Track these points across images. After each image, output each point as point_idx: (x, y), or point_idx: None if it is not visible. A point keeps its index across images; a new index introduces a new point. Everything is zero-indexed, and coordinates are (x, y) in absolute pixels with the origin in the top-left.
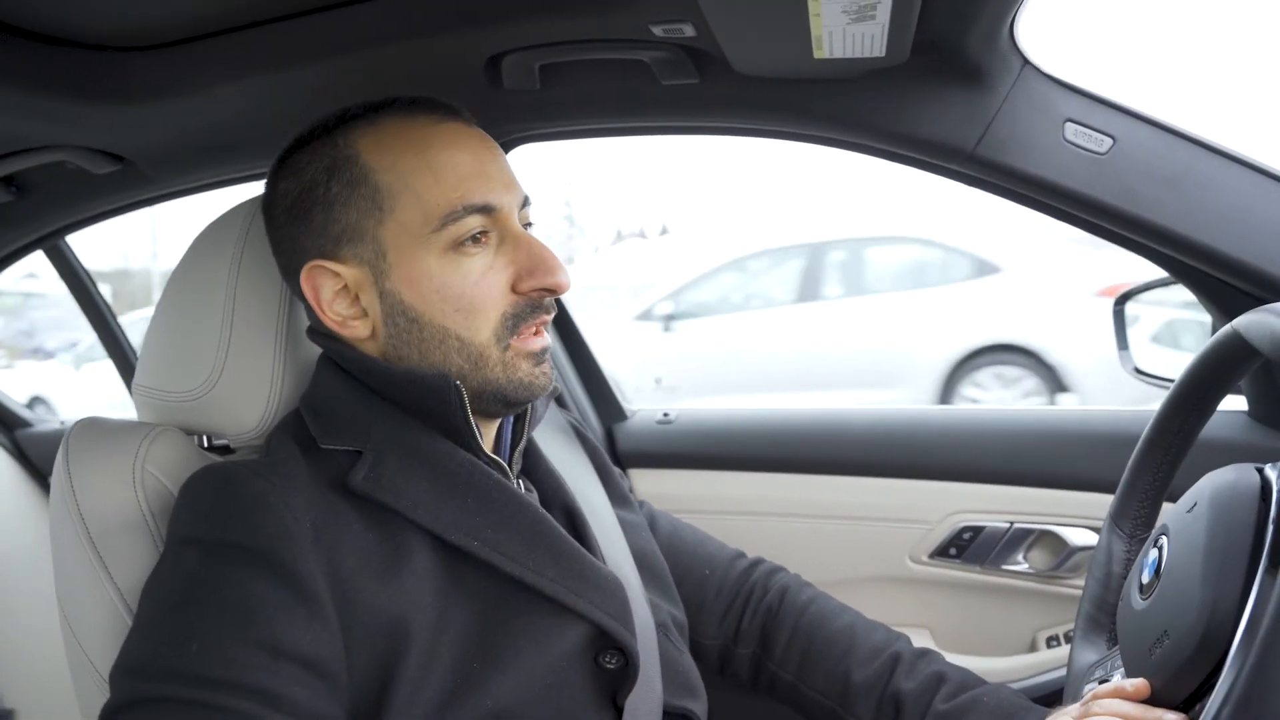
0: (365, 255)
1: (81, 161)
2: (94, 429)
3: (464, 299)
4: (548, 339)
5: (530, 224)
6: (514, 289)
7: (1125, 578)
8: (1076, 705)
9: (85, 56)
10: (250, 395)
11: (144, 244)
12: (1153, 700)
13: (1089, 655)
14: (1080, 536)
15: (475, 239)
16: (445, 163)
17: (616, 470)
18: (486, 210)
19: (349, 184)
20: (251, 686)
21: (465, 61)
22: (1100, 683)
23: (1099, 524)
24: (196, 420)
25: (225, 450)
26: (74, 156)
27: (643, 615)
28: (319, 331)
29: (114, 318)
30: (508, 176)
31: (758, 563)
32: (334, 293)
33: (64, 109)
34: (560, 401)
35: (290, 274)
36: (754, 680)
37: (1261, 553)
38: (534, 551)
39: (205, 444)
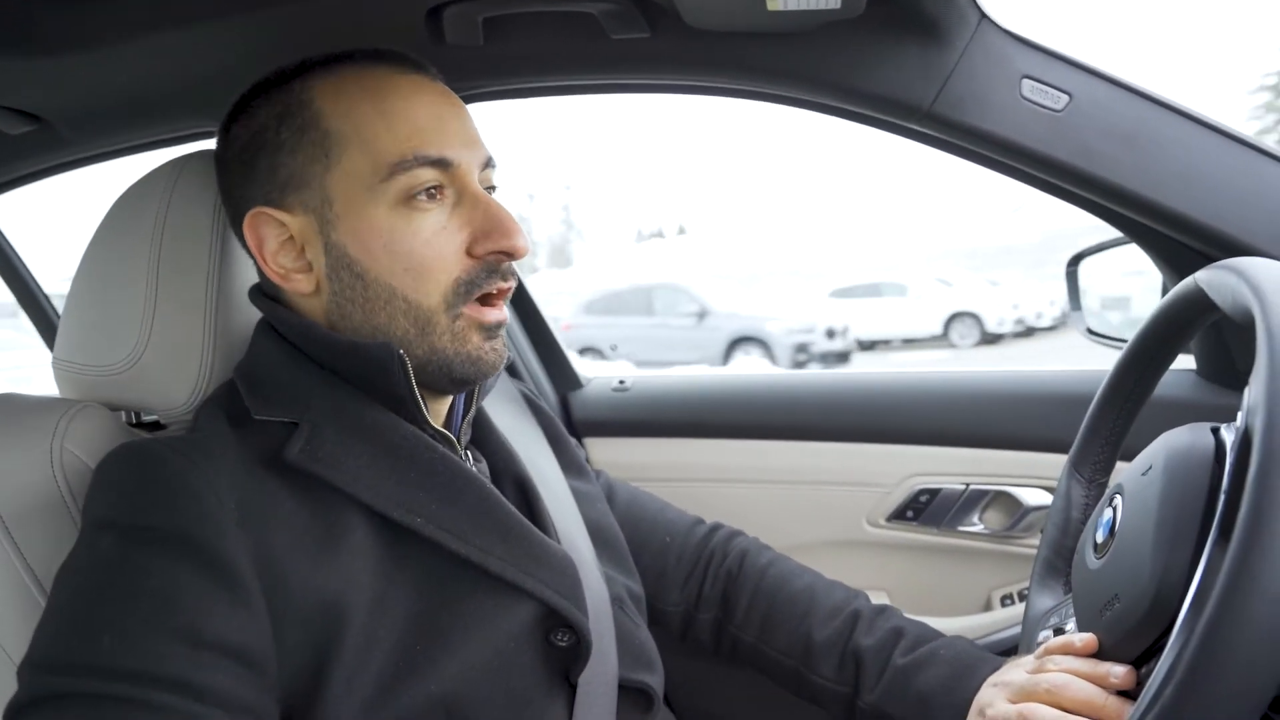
0: (311, 203)
1: None
2: (9, 405)
3: (414, 257)
4: (504, 313)
5: (493, 187)
6: (469, 252)
7: (1084, 523)
8: (1030, 657)
9: None
10: (179, 367)
11: None
12: (1102, 655)
13: (1045, 601)
14: (1034, 496)
15: (429, 193)
16: (400, 111)
17: (572, 440)
18: (442, 164)
19: (298, 129)
20: (170, 678)
21: (404, 15)
22: (1055, 631)
23: (1052, 484)
24: (122, 395)
25: (155, 426)
26: None
27: (596, 589)
28: (263, 293)
29: (38, 285)
30: (469, 133)
31: (716, 528)
32: (279, 243)
33: None
34: (513, 370)
35: (236, 222)
36: (716, 644)
37: (1213, 521)
38: (480, 528)
39: (133, 420)
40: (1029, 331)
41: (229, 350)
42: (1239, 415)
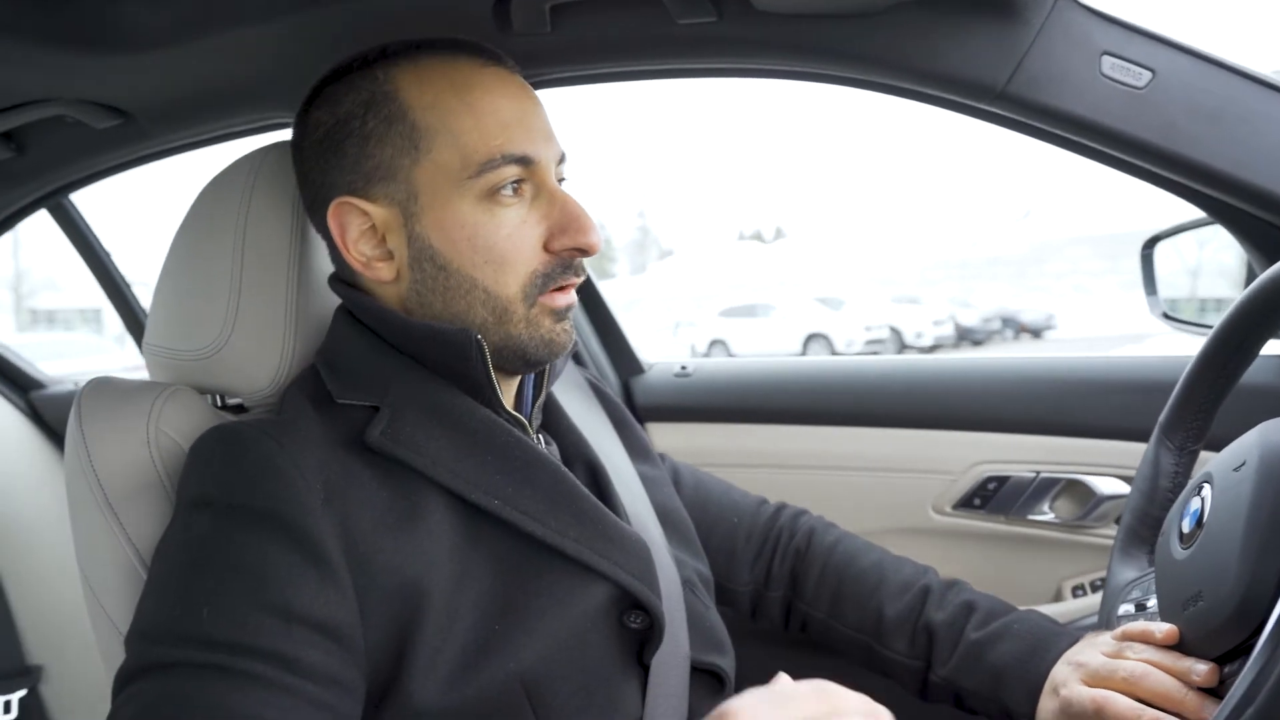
0: (397, 195)
1: (80, 115)
2: (106, 389)
3: (495, 250)
4: (573, 297)
5: (564, 179)
6: (546, 247)
7: (1171, 492)
8: (1108, 636)
9: (81, 4)
10: (262, 352)
11: None
12: (1182, 649)
13: (1128, 572)
14: (1108, 485)
15: (513, 189)
16: (487, 108)
17: (637, 425)
18: (525, 161)
19: (386, 120)
20: (265, 650)
21: (473, 4)
22: (1137, 606)
23: (1128, 473)
24: (208, 379)
25: (239, 410)
26: (72, 110)
27: (667, 572)
28: (341, 279)
29: (122, 277)
30: (547, 129)
31: (781, 507)
32: (360, 232)
33: (60, 59)
34: (577, 358)
35: (315, 209)
36: (786, 622)
37: None
38: (556, 510)
39: (219, 404)
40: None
41: (308, 335)
42: None
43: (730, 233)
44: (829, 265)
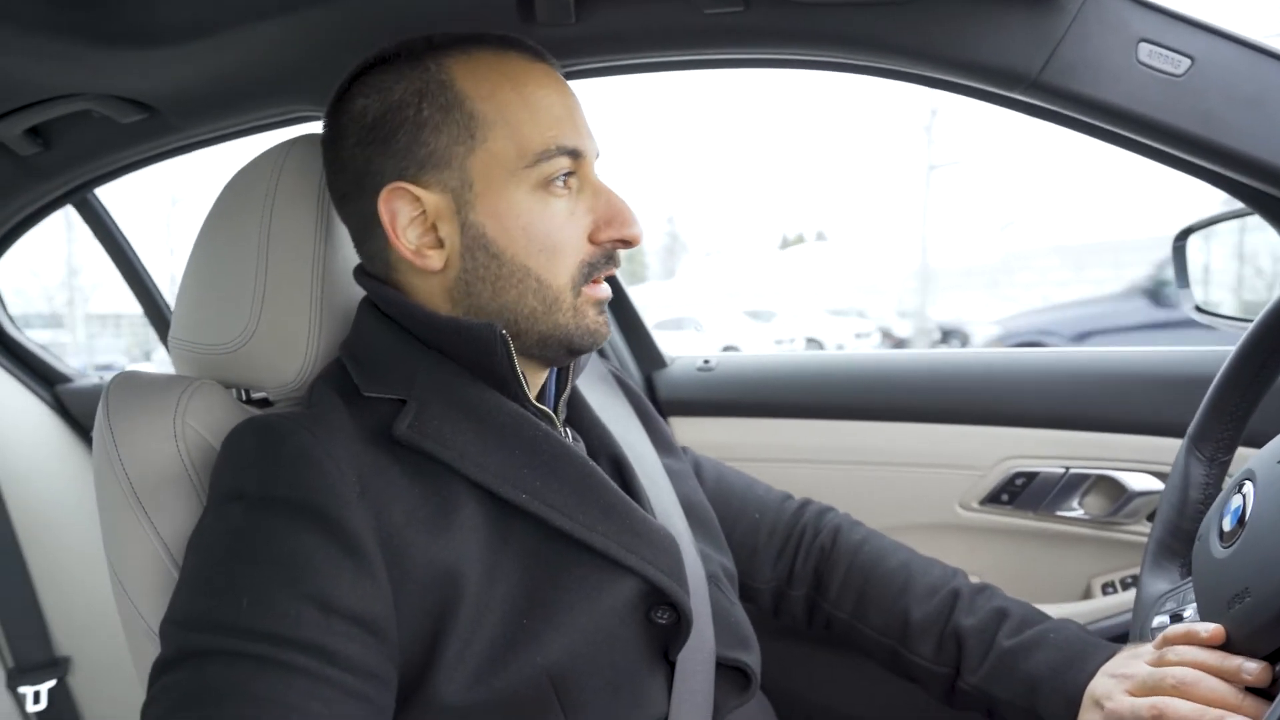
0: (450, 183)
1: (106, 110)
2: (132, 383)
3: (549, 239)
4: (609, 290)
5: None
6: (591, 239)
7: (1202, 504)
8: (1148, 646)
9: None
10: (287, 346)
11: None
12: (1229, 648)
13: (1160, 585)
14: (1140, 481)
15: (563, 181)
16: (542, 101)
17: (660, 418)
18: (575, 154)
19: (442, 108)
20: (305, 641)
21: None
22: (1172, 618)
23: (1161, 469)
24: (234, 373)
25: (265, 404)
26: (98, 105)
27: (694, 567)
28: (366, 272)
29: (147, 273)
30: (589, 125)
31: (806, 504)
32: (410, 219)
33: (85, 55)
34: (600, 351)
35: (354, 198)
36: (809, 621)
37: None
38: (584, 504)
39: (245, 398)
40: None
41: (334, 329)
42: None
43: (772, 237)
44: (827, 272)
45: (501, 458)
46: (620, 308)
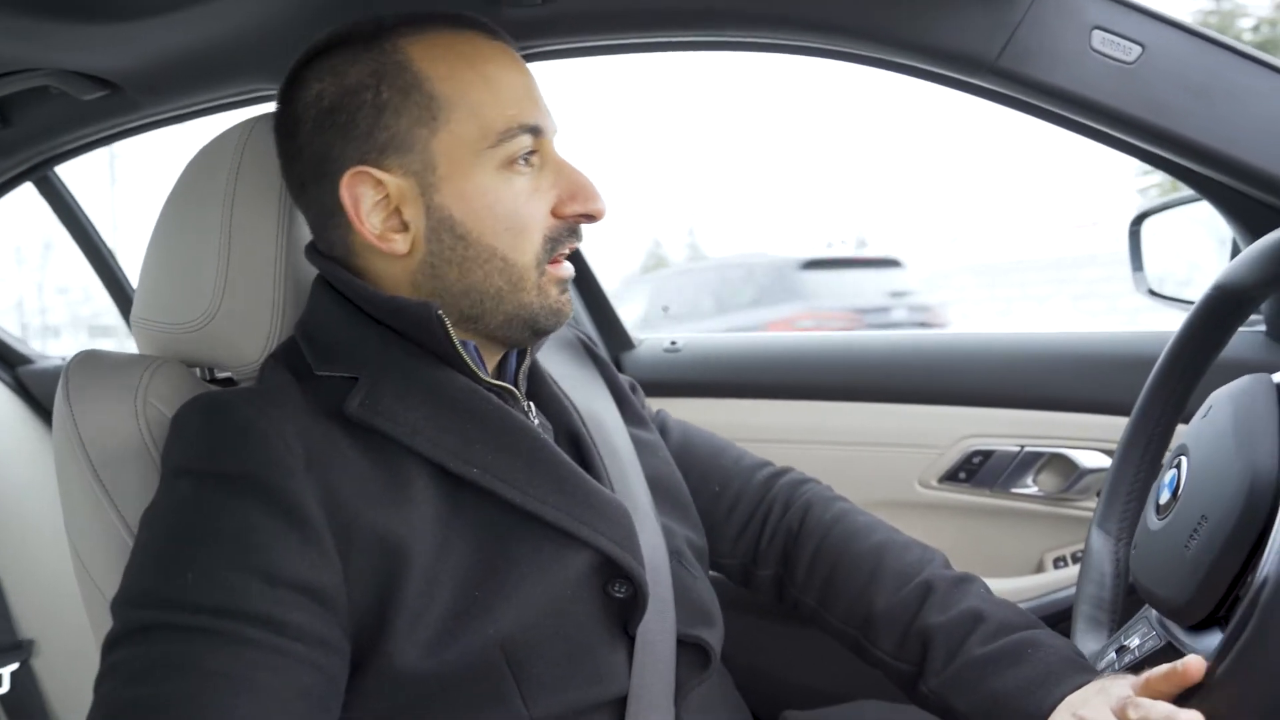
0: (413, 166)
1: (66, 86)
2: (93, 362)
3: (515, 218)
4: (572, 269)
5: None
6: (554, 213)
7: (1117, 577)
8: (1122, 682)
9: None
10: (250, 325)
11: None
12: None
13: (1092, 646)
14: (1090, 459)
15: (525, 159)
16: (501, 80)
17: (630, 388)
18: (535, 131)
19: (401, 90)
20: (252, 613)
21: None
22: (1118, 651)
23: (1109, 446)
24: (197, 352)
25: (228, 383)
26: (57, 81)
27: (654, 541)
28: (317, 251)
29: (110, 251)
30: (546, 101)
31: (780, 475)
32: (374, 203)
33: (44, 28)
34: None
35: (312, 183)
36: (779, 601)
37: None
38: (536, 477)
39: (208, 377)
40: None
41: (297, 307)
42: None
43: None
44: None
45: (454, 433)
46: (587, 288)
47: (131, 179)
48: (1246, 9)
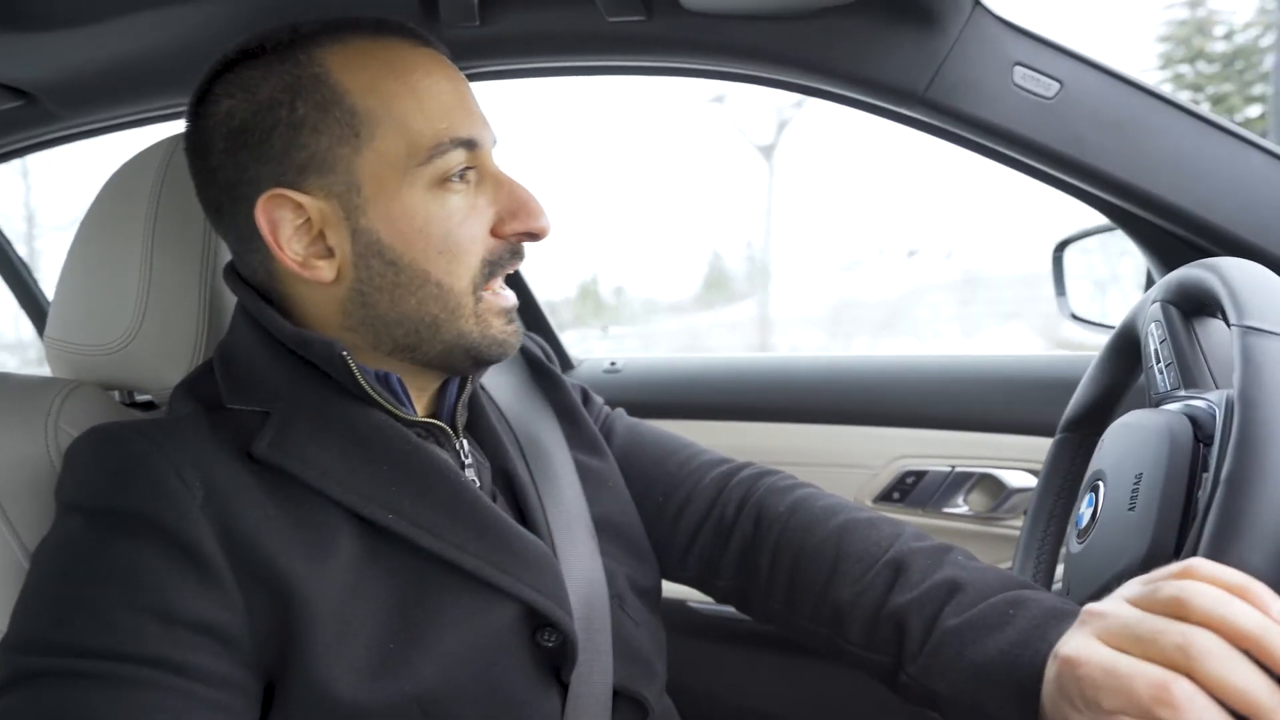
0: (335, 188)
1: None
2: (2, 385)
3: (449, 240)
4: (514, 297)
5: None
6: (494, 232)
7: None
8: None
9: None
10: (173, 347)
11: None
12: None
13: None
14: (1017, 479)
15: (461, 175)
16: (428, 90)
17: (584, 412)
18: (470, 145)
19: (319, 106)
20: (146, 656)
21: None
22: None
23: (1035, 466)
24: (115, 375)
25: (149, 407)
26: None
27: (592, 586)
28: (237, 275)
29: (24, 265)
30: (483, 112)
31: (737, 471)
32: (294, 229)
33: None
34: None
35: (228, 208)
36: (748, 612)
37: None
38: (455, 523)
39: (129, 400)
40: None
41: (222, 331)
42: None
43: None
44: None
45: (368, 475)
46: (525, 307)
47: (49, 190)
48: (1218, 18)
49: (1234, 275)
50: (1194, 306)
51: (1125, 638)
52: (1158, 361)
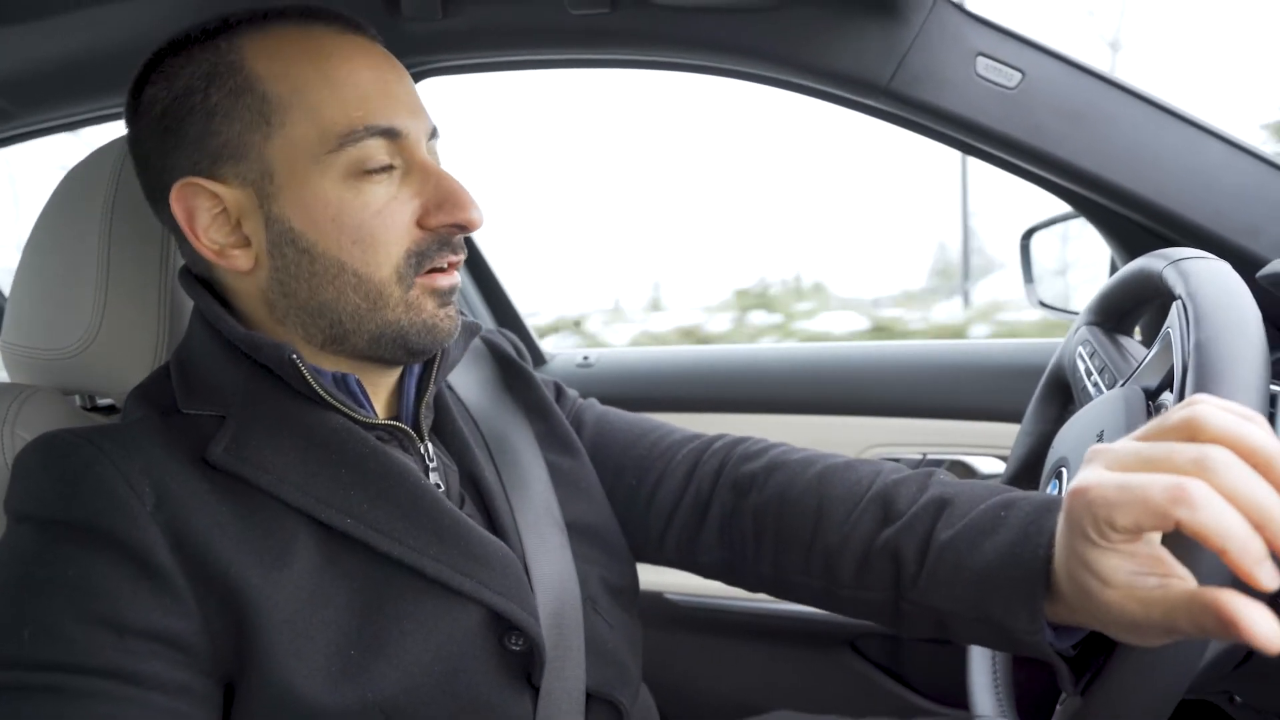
0: (249, 175)
1: None
2: None
3: (364, 230)
4: (456, 278)
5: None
6: (420, 224)
7: None
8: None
9: None
10: (132, 350)
11: None
12: None
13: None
14: (987, 465)
15: (384, 166)
16: (345, 77)
17: (557, 411)
18: (390, 134)
19: (231, 93)
20: (98, 666)
21: None
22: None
23: (1003, 452)
24: (74, 379)
25: (111, 411)
26: None
27: (563, 588)
28: (191, 275)
29: None
30: (414, 101)
31: (711, 443)
32: (211, 217)
33: None
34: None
35: (157, 197)
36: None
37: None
38: (415, 528)
39: (89, 405)
40: None
41: (182, 333)
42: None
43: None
44: None
45: (326, 479)
46: (496, 302)
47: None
48: None
49: (1150, 261)
50: (1116, 317)
51: (1137, 461)
52: (1089, 376)
